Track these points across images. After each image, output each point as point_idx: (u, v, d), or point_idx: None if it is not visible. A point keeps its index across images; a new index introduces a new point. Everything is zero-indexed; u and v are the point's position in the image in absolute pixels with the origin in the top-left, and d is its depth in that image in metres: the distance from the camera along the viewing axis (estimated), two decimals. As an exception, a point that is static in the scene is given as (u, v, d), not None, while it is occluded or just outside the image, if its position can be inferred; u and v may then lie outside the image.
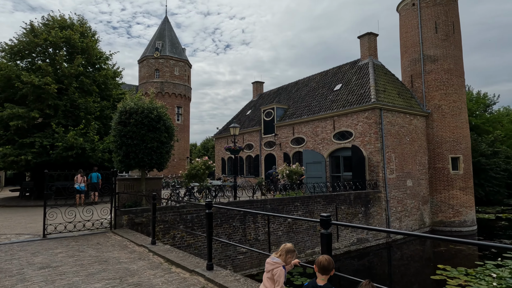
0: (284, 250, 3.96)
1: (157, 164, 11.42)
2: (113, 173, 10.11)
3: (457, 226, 20.32)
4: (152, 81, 38.35)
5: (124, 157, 11.06)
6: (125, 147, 10.93)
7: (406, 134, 19.88)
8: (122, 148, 10.95)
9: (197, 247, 11.49)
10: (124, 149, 10.94)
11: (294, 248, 4.05)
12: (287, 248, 3.99)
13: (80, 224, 9.63)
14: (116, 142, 11.09)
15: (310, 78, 27.19)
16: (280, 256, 3.94)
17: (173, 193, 12.98)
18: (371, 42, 22.42)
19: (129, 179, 12.07)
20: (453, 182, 20.58)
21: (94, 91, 18.97)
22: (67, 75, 17.79)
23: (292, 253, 3.96)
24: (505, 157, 33.52)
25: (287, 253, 3.93)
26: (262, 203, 13.32)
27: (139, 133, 10.86)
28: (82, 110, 17.97)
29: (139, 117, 10.86)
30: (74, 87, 18.08)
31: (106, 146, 17.35)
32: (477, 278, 11.80)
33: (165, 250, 7.36)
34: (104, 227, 10.05)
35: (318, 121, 21.75)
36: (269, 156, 26.18)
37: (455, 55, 21.40)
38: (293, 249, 4.00)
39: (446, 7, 21.55)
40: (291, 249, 3.98)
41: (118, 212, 10.16)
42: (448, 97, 20.94)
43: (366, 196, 17.16)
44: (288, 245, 4.06)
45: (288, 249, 3.98)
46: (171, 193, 12.77)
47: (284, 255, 3.93)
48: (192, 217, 11.55)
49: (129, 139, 10.87)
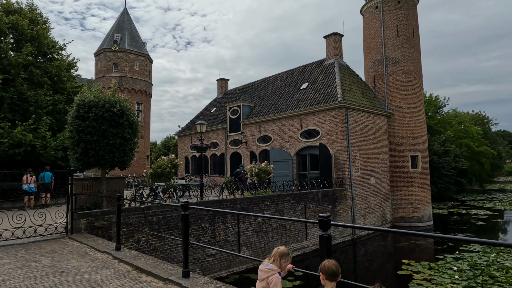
0: (277, 255, 3.59)
1: (120, 162, 10.56)
2: (69, 172, 9.15)
3: (415, 221, 21.24)
4: (110, 76, 36.26)
5: (82, 155, 10.09)
6: (84, 144, 9.96)
7: (370, 133, 20.40)
8: (80, 144, 9.97)
9: (164, 250, 10.79)
10: (82, 146, 9.97)
11: (288, 251, 3.69)
12: (281, 251, 3.62)
13: (31, 230, 8.58)
14: (73, 138, 10.08)
15: (276, 77, 27.12)
16: (274, 261, 3.56)
17: (137, 193, 12.13)
18: (336, 42, 22.76)
19: (87, 179, 11.05)
20: (412, 180, 21.48)
21: (45, 83, 17.34)
22: (13, 65, 16.07)
23: (286, 256, 3.60)
24: (454, 155, 35.81)
25: (281, 258, 3.56)
26: (232, 203, 12.87)
27: (99, 129, 9.94)
28: (31, 103, 16.33)
29: (100, 111, 9.94)
30: (22, 78, 16.38)
31: (59, 143, 15.91)
32: (439, 271, 12.25)
33: (132, 256, 6.68)
34: (59, 232, 9.04)
35: (285, 119, 21.68)
36: (235, 154, 25.73)
37: (415, 58, 22.35)
38: (287, 252, 3.63)
39: (406, 11, 22.43)
40: (285, 253, 3.61)
41: (75, 215, 9.21)
42: (408, 98, 21.81)
43: (333, 194, 17.32)
44: (281, 248, 3.69)
45: (282, 253, 3.60)
46: (135, 194, 11.92)
47: (278, 260, 3.55)
48: (158, 218, 10.82)
49: (88, 135, 9.91)
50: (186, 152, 30.94)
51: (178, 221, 11.29)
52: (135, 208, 10.40)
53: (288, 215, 14.78)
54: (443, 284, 10.92)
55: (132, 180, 24.75)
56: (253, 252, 13.33)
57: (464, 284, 10.81)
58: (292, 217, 14.76)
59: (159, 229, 10.82)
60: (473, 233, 19.21)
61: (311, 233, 15.96)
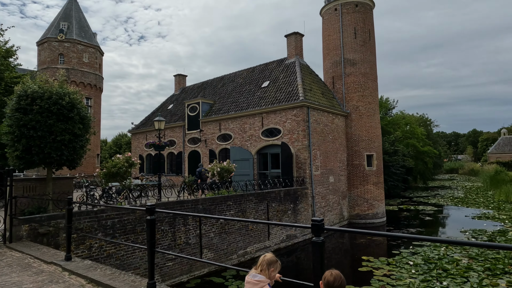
0: (265, 263, 3.20)
1: (69, 161, 9.50)
2: (7, 172, 8.00)
3: (370, 218, 22.04)
4: (55, 67, 33.36)
5: (24, 153, 8.89)
6: (26, 140, 8.78)
7: (329, 133, 20.77)
8: (21, 141, 8.78)
9: (120, 257, 9.92)
10: (23, 143, 8.78)
11: (276, 257, 3.31)
12: (268, 259, 3.23)
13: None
14: (13, 134, 8.85)
15: (237, 74, 26.70)
16: (262, 271, 3.17)
17: (88, 195, 11.05)
18: (297, 41, 22.89)
19: (30, 180, 9.81)
20: (368, 178, 22.26)
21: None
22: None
23: (274, 264, 3.21)
24: (402, 155, 37.98)
25: (269, 266, 3.18)
26: (193, 204, 12.26)
27: (45, 123, 8.83)
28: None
29: (46, 104, 8.83)
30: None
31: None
32: (397, 267, 12.68)
33: (85, 267, 5.90)
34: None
35: (246, 117, 21.35)
36: (193, 153, 24.89)
37: (371, 60, 23.17)
38: (275, 259, 3.24)
39: (364, 15, 23.17)
40: (272, 260, 3.23)
41: (15, 221, 8.08)
42: (365, 99, 22.56)
43: (294, 193, 17.32)
44: (268, 255, 3.30)
45: (269, 261, 3.22)
46: (86, 195, 10.84)
47: (266, 269, 3.17)
48: (113, 222, 9.93)
49: (31, 130, 8.75)
50: (140, 151, 29.42)
51: (135, 224, 10.46)
52: (86, 211, 9.42)
53: (251, 215, 14.47)
54: (402, 279, 11.27)
55: (81, 180, 22.92)
56: (216, 254, 12.83)
57: (421, 278, 11.24)
58: (254, 217, 14.49)
59: (114, 233, 9.93)
60: (422, 228, 20.34)
61: (273, 232, 15.80)
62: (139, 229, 10.54)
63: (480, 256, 13.48)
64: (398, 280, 11.26)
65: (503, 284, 10.53)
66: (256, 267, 3.21)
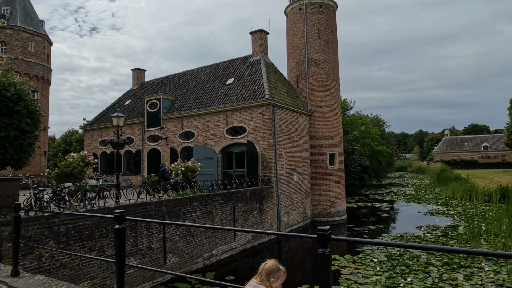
0: (263, 273, 2.78)
1: (15, 160, 8.41)
2: None
3: (332, 216, 22.45)
4: (-5, 56, 30.14)
5: (-41, 151, 7.69)
6: (-39, 136, 7.59)
7: (294, 132, 20.79)
8: (-45, 137, 7.58)
9: (74, 266, 8.96)
10: (-42, 139, 7.58)
11: (278, 264, 2.90)
12: (267, 268, 2.80)
13: None
14: None
15: (199, 70, 25.89)
16: (262, 281, 2.77)
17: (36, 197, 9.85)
18: (262, 39, 22.66)
19: (-35, 182, 8.53)
20: (330, 177, 22.66)
21: None
22: None
23: (275, 273, 2.79)
24: (359, 154, 39.44)
25: (268, 276, 2.77)
26: (157, 206, 11.51)
27: (-15, 117, 7.70)
28: None
29: (-14, 94, 7.69)
30: None
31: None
32: (363, 264, 12.88)
33: (37, 284, 5.09)
34: None
35: (210, 115, 20.72)
36: (153, 151, 23.74)
37: (334, 61, 23.58)
38: (276, 268, 2.81)
39: (327, 16, 23.50)
40: (273, 269, 2.81)
41: None
42: (328, 99, 22.90)
43: (260, 192, 17.07)
44: (269, 263, 2.86)
45: (269, 270, 2.80)
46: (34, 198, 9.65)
47: (265, 279, 2.76)
48: (67, 228, 8.94)
49: (-33, 124, 7.58)
50: (94, 148, 27.54)
51: (92, 230, 9.54)
52: (35, 217, 8.37)
53: (217, 216, 13.96)
54: (369, 277, 11.44)
55: (27, 181, 20.87)
56: (180, 258, 12.17)
57: (386, 275, 11.48)
58: (220, 218, 14.01)
59: (68, 241, 8.95)
60: (381, 225, 21.09)
61: (239, 233, 15.42)
62: (96, 235, 9.62)
63: (437, 252, 14.14)
64: (365, 278, 11.41)
65: (461, 278, 11.05)
66: (256, 276, 2.81)
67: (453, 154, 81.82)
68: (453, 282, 10.68)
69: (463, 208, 25.36)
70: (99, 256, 9.57)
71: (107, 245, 9.86)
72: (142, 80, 30.73)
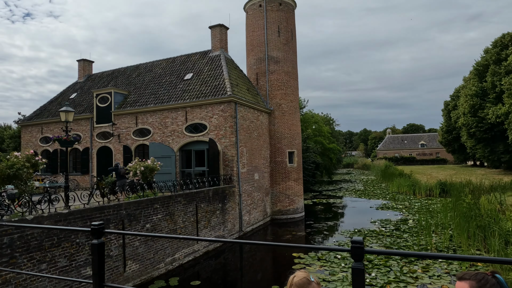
0: None
1: None
2: None
3: (291, 213, 22.67)
4: None
5: None
6: None
7: (255, 129, 20.58)
8: None
9: (21, 282, 7.84)
10: None
11: (309, 275, 2.44)
12: (299, 283, 2.34)
13: None
14: None
15: (154, 64, 24.57)
16: None
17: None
18: (222, 34, 22.09)
19: None
20: (289, 174, 22.84)
21: None
22: None
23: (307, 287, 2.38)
24: (313, 151, 40.52)
25: None
26: (116, 209, 10.57)
27: None
28: None
29: None
30: None
31: None
32: (327, 261, 13.06)
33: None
34: None
35: (168, 111, 19.72)
36: (103, 149, 22.06)
37: (293, 59, 23.75)
38: (307, 281, 2.35)
39: (287, 14, 23.58)
40: (304, 282, 2.35)
41: None
42: (287, 97, 23.03)
43: (223, 192, 16.61)
44: (298, 276, 2.37)
45: (300, 285, 2.36)
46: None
47: None
48: (11, 239, 7.78)
49: None
50: (34, 146, 24.94)
51: (42, 240, 8.44)
52: (-28, 227, 7.16)
53: (179, 218, 13.26)
54: (335, 274, 11.60)
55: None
56: (141, 265, 11.34)
57: (351, 271, 11.71)
58: (183, 220, 13.33)
59: (13, 253, 7.80)
60: (337, 220, 21.77)
61: (201, 235, 14.83)
62: (47, 245, 8.52)
63: (393, 245, 14.84)
64: (332, 275, 11.55)
65: (419, 270, 11.65)
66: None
67: (394, 152, 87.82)
68: (413, 275, 11.21)
69: (409, 202, 27.14)
70: (49, 271, 8.51)
71: (59, 256, 8.79)
72: (90, 73, 28.44)
